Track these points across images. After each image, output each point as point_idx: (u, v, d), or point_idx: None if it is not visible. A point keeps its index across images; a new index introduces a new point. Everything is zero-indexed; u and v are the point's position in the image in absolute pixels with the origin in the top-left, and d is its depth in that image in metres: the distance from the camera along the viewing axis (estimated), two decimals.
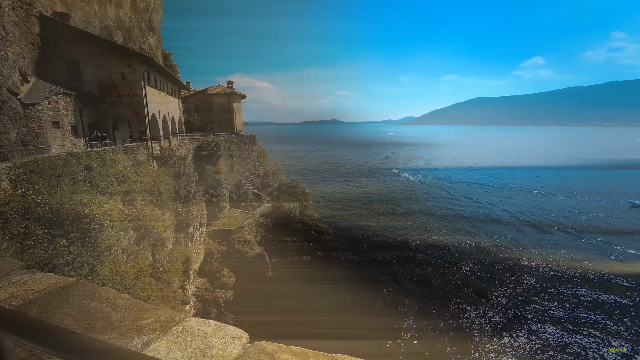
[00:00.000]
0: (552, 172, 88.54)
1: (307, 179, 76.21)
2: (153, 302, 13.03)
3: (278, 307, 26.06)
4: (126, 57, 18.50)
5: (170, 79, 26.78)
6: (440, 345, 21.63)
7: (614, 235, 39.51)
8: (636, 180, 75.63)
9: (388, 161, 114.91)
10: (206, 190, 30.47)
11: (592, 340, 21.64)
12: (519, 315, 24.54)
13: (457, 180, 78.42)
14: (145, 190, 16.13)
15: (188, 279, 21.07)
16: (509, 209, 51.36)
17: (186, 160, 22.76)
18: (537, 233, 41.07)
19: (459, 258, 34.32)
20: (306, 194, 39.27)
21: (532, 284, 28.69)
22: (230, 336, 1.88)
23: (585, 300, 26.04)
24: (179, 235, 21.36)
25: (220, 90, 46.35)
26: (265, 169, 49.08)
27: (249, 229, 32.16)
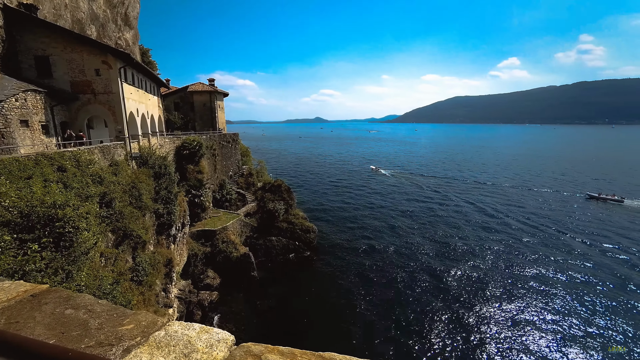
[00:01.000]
0: (522, 168, 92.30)
1: (291, 177, 76.04)
2: (134, 307, 12.63)
3: (265, 307, 25.92)
4: (101, 52, 17.70)
5: (148, 76, 25.90)
6: (429, 341, 22.15)
7: (570, 226, 41.99)
8: (593, 173, 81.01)
9: (367, 158, 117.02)
10: (188, 191, 29.79)
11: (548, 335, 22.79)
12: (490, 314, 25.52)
13: (427, 175, 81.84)
14: (124, 191, 15.56)
15: (171, 281, 20.55)
16: (474, 202, 53.60)
17: (167, 160, 22.13)
18: (499, 225, 43.13)
19: (427, 250, 35.67)
20: (291, 193, 39.12)
21: (485, 277, 29.90)
22: (216, 339, 1.83)
23: (540, 292, 27.33)
24: (160, 237, 20.78)
25: (201, 87, 45.32)
26: (249, 168, 48.49)
27: (234, 229, 31.72)
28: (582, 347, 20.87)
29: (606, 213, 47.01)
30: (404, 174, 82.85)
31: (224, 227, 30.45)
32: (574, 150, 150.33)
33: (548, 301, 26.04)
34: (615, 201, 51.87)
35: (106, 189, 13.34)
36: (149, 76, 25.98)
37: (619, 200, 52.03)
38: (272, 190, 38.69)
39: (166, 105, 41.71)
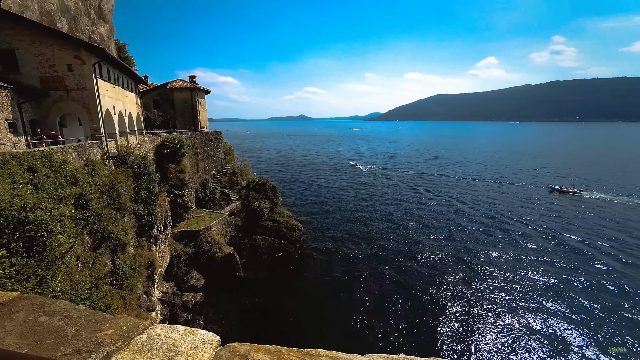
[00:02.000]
0: (499, 164, 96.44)
1: (276, 175, 75.56)
2: (115, 312, 12.23)
3: (251, 307, 25.70)
4: (73, 47, 16.85)
5: (125, 72, 24.93)
6: (414, 333, 22.67)
7: (536, 217, 44.77)
8: (560, 168, 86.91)
9: (350, 156, 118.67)
10: (170, 191, 29.01)
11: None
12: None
13: (409, 171, 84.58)
14: (101, 192, 14.95)
15: (153, 284, 20.00)
16: (453, 197, 55.57)
17: (147, 159, 21.42)
18: (467, 218, 45.41)
19: (403, 243, 37.05)
20: (276, 191, 38.84)
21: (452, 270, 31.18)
22: (201, 340, 1.80)
23: (502, 283, 28.73)
24: (141, 238, 20.15)
25: (182, 84, 44.11)
26: (232, 166, 47.75)
27: (218, 229, 31.20)
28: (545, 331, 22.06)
29: (565, 204, 50.72)
30: (388, 171, 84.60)
31: (207, 227, 29.88)
32: (546, 146, 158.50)
33: (508, 289, 27.32)
34: (575, 193, 56.22)
35: (82, 190, 12.78)
36: (126, 72, 25.03)
37: (577, 192, 56.40)
38: (257, 188, 38.28)
39: (145, 102, 40.35)
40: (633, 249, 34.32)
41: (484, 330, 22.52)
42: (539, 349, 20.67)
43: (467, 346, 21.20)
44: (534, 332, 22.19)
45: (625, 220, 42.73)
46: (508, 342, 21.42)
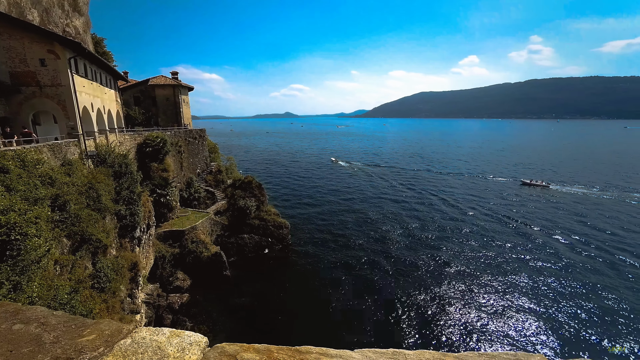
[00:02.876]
0: (479, 160, 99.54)
1: (262, 173, 74.92)
2: (97, 316, 11.84)
3: (240, 306, 25.47)
4: (46, 40, 16.04)
5: (103, 68, 23.99)
6: (403, 327, 23.08)
7: (506, 209, 47.28)
8: (535, 163, 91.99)
9: (334, 152, 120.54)
10: (153, 190, 28.26)
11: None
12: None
13: (388, 166, 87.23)
14: (80, 192, 14.38)
15: (137, 286, 19.48)
16: (436, 193, 57.17)
17: (128, 158, 20.74)
18: (446, 211, 47.24)
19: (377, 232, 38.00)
20: (262, 189, 38.52)
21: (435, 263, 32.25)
22: (188, 342, 1.76)
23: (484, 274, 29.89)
24: (123, 240, 19.56)
25: (164, 81, 42.90)
26: (217, 164, 47.00)
27: (203, 228, 30.68)
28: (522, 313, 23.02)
29: (533, 196, 54.25)
30: (374, 168, 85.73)
31: (192, 226, 29.33)
32: (524, 143, 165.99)
33: (479, 277, 28.42)
34: (543, 186, 60.47)
35: (59, 191, 12.25)
36: (104, 68, 24.10)
37: (545, 185, 60.80)
38: (243, 187, 37.84)
39: (125, 99, 39.03)
40: (588, 236, 37.20)
41: (466, 320, 23.21)
42: (513, 333, 21.52)
43: (452, 337, 21.80)
44: (505, 318, 23.06)
45: (583, 210, 46.36)
46: (487, 328, 22.18)
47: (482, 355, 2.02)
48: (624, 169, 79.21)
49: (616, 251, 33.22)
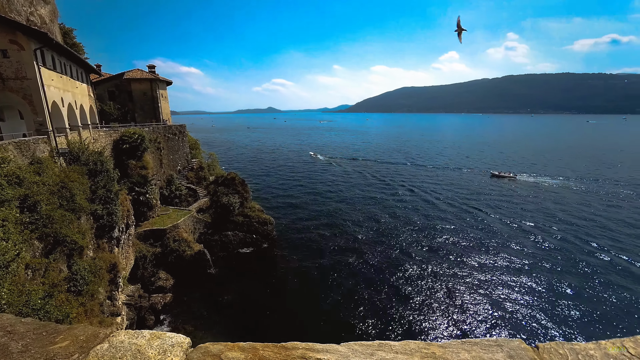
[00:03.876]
0: (457, 153, 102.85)
1: (245, 169, 73.94)
2: (74, 321, 11.36)
3: (225, 304, 25.20)
4: (7, 29, 14.96)
5: (74, 60, 22.73)
6: (388, 319, 23.56)
7: (479, 200, 49.54)
8: (508, 155, 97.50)
9: (317, 148, 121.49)
10: (131, 188, 27.29)
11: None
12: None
13: (378, 161, 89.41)
14: (52, 192, 13.67)
15: (117, 288, 18.85)
16: (417, 187, 58.65)
17: (103, 155, 19.88)
18: (423, 204, 49.01)
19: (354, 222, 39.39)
20: (245, 186, 38.03)
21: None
22: (169, 344, 1.70)
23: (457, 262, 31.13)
24: (101, 240, 18.81)
25: (140, 75, 41.20)
26: (199, 161, 45.88)
27: (185, 227, 30.02)
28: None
29: (501, 187, 57.94)
30: (354, 162, 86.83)
31: (174, 225, 28.62)
32: (498, 136, 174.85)
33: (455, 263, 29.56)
34: (511, 178, 63.97)
35: (28, 191, 11.59)
36: (75, 60, 22.85)
37: (513, 177, 64.38)
38: (226, 183, 37.20)
39: (99, 94, 37.24)
40: (549, 222, 39.94)
41: (448, 310, 24.02)
42: (492, 319, 22.52)
43: (435, 327, 22.51)
44: (484, 305, 24.08)
45: (544, 199, 49.66)
46: (468, 316, 23.07)
47: (465, 343, 2.08)
48: (583, 161, 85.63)
49: (575, 236, 35.62)
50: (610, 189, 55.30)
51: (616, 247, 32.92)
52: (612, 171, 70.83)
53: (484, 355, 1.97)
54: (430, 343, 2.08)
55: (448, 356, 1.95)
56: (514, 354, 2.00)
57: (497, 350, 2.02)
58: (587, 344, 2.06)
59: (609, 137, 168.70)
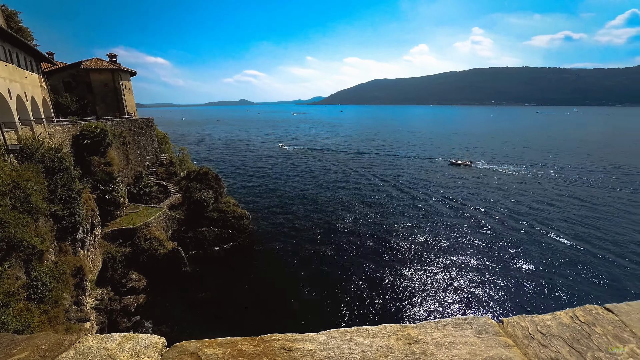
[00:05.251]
0: (425, 144, 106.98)
1: (218, 163, 71.91)
2: (36, 330, 10.65)
3: (202, 301, 24.68)
4: None
5: (20, 47, 20.69)
6: (364, 306, 24.23)
7: (440, 188, 52.54)
8: (452, 143, 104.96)
9: (290, 140, 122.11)
10: (96, 186, 25.68)
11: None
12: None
13: (345, 152, 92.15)
14: (2, 193, 12.54)
15: (84, 292, 17.82)
16: (387, 179, 60.53)
17: (61, 151, 18.45)
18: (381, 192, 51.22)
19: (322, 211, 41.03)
20: (219, 180, 37.07)
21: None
22: (142, 345, 1.64)
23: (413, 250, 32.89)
24: (63, 243, 17.61)
25: (100, 64, 38.41)
26: (169, 156, 44.00)
27: (157, 224, 28.86)
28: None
29: (457, 174, 62.28)
30: (328, 154, 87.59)
31: (145, 223, 27.39)
32: (461, 127, 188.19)
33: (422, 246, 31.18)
34: (467, 165, 69.02)
35: None
36: (22, 47, 20.82)
37: (469, 164, 69.32)
38: (198, 178, 36.06)
39: (53, 85, 34.33)
40: (498, 204, 43.19)
41: (421, 294, 25.18)
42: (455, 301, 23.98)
43: (409, 310, 23.53)
44: (453, 287, 25.56)
45: (495, 183, 54.46)
46: (439, 298, 24.35)
47: (438, 323, 2.20)
48: (530, 149, 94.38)
49: (526, 218, 38.73)
50: (549, 172, 61.74)
51: (561, 227, 36.07)
52: (554, 157, 79.19)
53: (455, 332, 2.09)
54: (405, 325, 2.17)
55: (422, 336, 2.05)
56: (482, 330, 2.14)
57: (466, 328, 2.16)
58: (545, 315, 2.24)
59: (553, 126, 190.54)
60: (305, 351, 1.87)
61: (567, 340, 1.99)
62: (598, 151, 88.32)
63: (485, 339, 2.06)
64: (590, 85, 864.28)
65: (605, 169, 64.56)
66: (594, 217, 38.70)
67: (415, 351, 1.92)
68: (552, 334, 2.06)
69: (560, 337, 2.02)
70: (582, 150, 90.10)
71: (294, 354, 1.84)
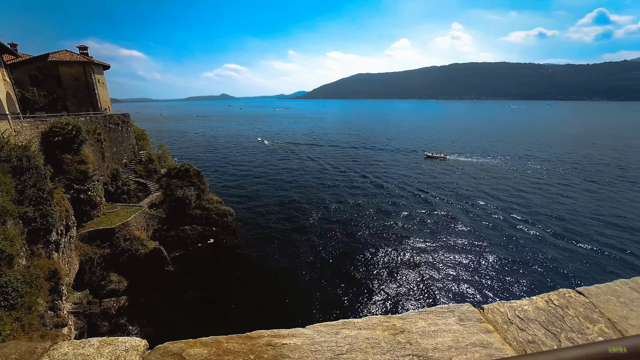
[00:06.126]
0: (405, 137, 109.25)
1: (200, 160, 70.30)
2: (7, 338, 10.14)
3: (186, 301, 24.25)
4: None
5: None
6: (350, 300, 24.56)
7: (417, 181, 54.16)
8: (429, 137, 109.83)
9: (274, 135, 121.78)
10: (69, 186, 24.52)
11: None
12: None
13: (304, 144, 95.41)
14: None
15: (60, 296, 17.08)
16: (360, 171, 61.95)
17: (29, 150, 17.44)
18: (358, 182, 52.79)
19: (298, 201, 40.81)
20: (201, 177, 36.27)
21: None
22: (122, 349, 1.58)
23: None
24: (35, 246, 16.75)
25: (70, 57, 36.39)
26: (148, 153, 42.55)
27: (137, 224, 27.97)
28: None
29: (432, 166, 65.02)
30: (312, 149, 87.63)
31: (124, 223, 26.46)
32: (439, 121, 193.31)
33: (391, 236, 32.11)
34: (441, 158, 71.31)
35: None
36: None
37: (443, 157, 70.67)
38: (180, 175, 35.15)
39: (17, 79, 32.28)
40: (472, 196, 44.75)
41: (404, 285, 25.83)
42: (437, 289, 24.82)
43: (394, 302, 24.10)
44: (434, 277, 26.41)
45: (468, 175, 56.92)
46: (422, 288, 25.09)
47: (422, 312, 2.25)
48: (502, 141, 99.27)
49: (498, 207, 40.35)
50: (521, 164, 65.05)
51: (532, 215, 37.94)
52: (522, 148, 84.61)
53: (438, 320, 2.15)
54: (391, 316, 2.21)
55: (407, 326, 2.09)
56: (464, 317, 2.21)
57: (449, 316, 2.22)
58: (522, 300, 2.34)
59: (523, 120, 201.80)
60: (292, 346, 1.87)
61: (543, 324, 2.09)
62: (564, 143, 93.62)
63: (467, 325, 2.12)
64: (563, 80, 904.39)
65: (573, 160, 68.19)
66: (564, 207, 40.80)
67: (401, 341, 1.95)
68: (529, 318, 2.15)
69: (536, 321, 2.12)
70: (549, 142, 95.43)
71: (281, 349, 1.83)
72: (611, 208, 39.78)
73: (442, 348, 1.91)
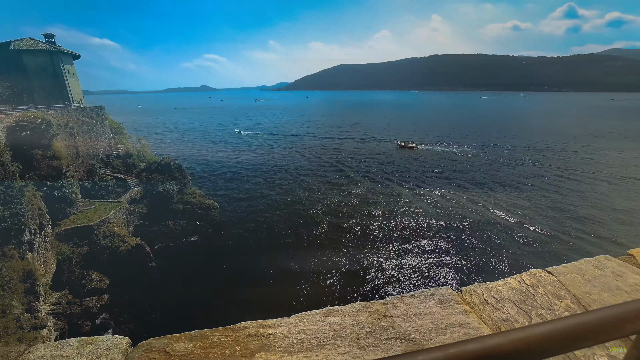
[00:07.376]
0: (384, 128, 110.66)
1: (181, 154, 68.42)
2: None
3: (171, 296, 23.94)
4: None
5: None
6: (336, 285, 24.98)
7: (391, 169, 54.74)
8: (411, 126, 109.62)
9: (257, 127, 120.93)
10: (42, 183, 23.32)
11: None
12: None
13: (279, 134, 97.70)
14: None
15: (37, 297, 16.49)
16: (338, 162, 62.43)
17: None
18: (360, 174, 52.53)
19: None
20: (183, 171, 35.42)
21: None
22: (104, 347, 1.56)
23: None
24: (7, 247, 15.99)
25: (35, 45, 34.08)
26: (125, 147, 40.97)
27: (117, 220, 27.14)
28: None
29: (404, 155, 67.05)
30: (296, 141, 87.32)
31: (102, 220, 25.60)
32: (416, 112, 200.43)
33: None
34: (412, 147, 72.47)
35: None
36: None
37: (414, 146, 72.97)
38: (160, 170, 34.20)
39: None
40: (441, 183, 46.88)
41: (385, 271, 26.51)
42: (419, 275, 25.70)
43: (376, 287, 24.73)
44: (413, 263, 27.29)
45: (434, 162, 59.69)
46: (402, 274, 25.86)
47: (403, 297, 2.33)
48: (471, 131, 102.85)
49: (465, 194, 41.92)
50: (483, 152, 68.20)
51: (501, 201, 39.62)
52: (488, 137, 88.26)
53: (419, 304, 2.24)
54: (374, 302, 2.27)
55: (389, 311, 2.16)
56: (443, 300, 2.31)
57: (429, 299, 2.31)
58: (497, 281, 2.47)
59: (493, 110, 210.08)
60: (277, 336, 1.90)
61: (516, 302, 2.21)
62: (529, 131, 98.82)
63: (446, 307, 2.22)
64: (535, 72, 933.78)
65: (533, 148, 71.23)
66: (536, 192, 42.67)
67: (384, 325, 2.02)
68: (503, 298, 2.28)
69: (510, 300, 2.24)
70: (509, 131, 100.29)
71: (267, 339, 1.86)
72: (576, 197, 41.99)
73: (423, 330, 1.99)
